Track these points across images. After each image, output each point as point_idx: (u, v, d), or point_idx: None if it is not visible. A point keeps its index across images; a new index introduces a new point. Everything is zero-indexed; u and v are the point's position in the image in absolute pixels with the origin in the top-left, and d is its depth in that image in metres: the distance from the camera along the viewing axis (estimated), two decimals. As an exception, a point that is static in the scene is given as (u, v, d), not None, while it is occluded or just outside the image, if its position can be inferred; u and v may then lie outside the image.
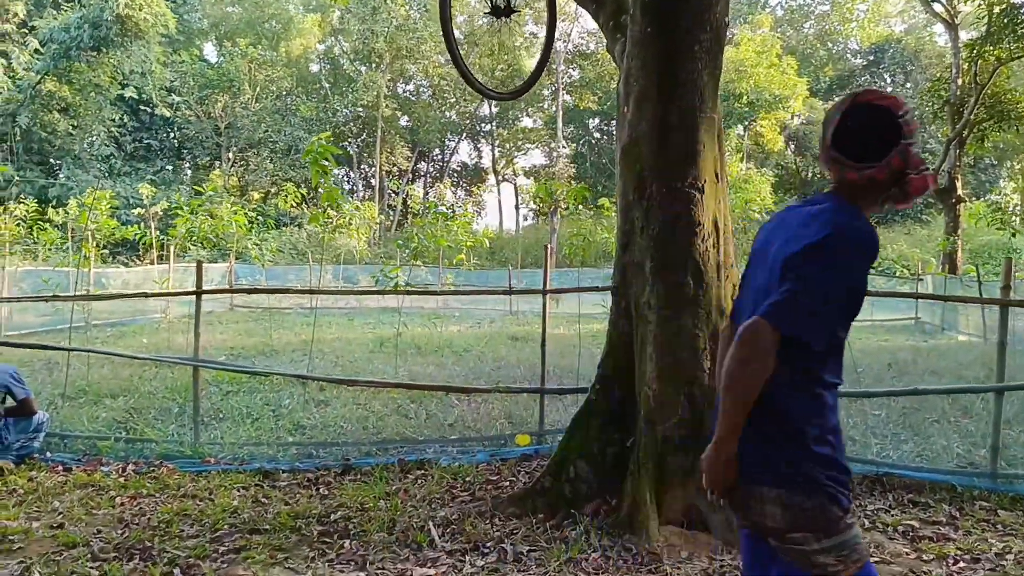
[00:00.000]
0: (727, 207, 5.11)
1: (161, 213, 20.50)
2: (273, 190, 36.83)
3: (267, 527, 4.89)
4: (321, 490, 5.74)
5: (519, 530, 4.79)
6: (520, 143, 54.74)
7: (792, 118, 44.03)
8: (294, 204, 19.09)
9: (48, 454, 6.50)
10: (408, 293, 7.44)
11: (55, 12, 35.06)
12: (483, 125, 55.35)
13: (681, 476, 4.59)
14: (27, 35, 34.88)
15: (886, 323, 19.65)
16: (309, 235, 32.16)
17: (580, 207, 44.60)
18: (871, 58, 49.19)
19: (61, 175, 36.12)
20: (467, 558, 4.41)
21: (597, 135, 54.56)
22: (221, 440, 6.84)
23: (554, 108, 48.54)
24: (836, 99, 3.57)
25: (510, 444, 6.51)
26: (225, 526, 4.92)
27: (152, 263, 22.51)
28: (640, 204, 4.92)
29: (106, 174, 35.72)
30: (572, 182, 39.47)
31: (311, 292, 7.95)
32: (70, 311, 18.37)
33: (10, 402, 6.21)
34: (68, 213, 19.76)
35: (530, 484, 5.45)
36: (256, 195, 37.66)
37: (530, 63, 49.35)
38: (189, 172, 43.65)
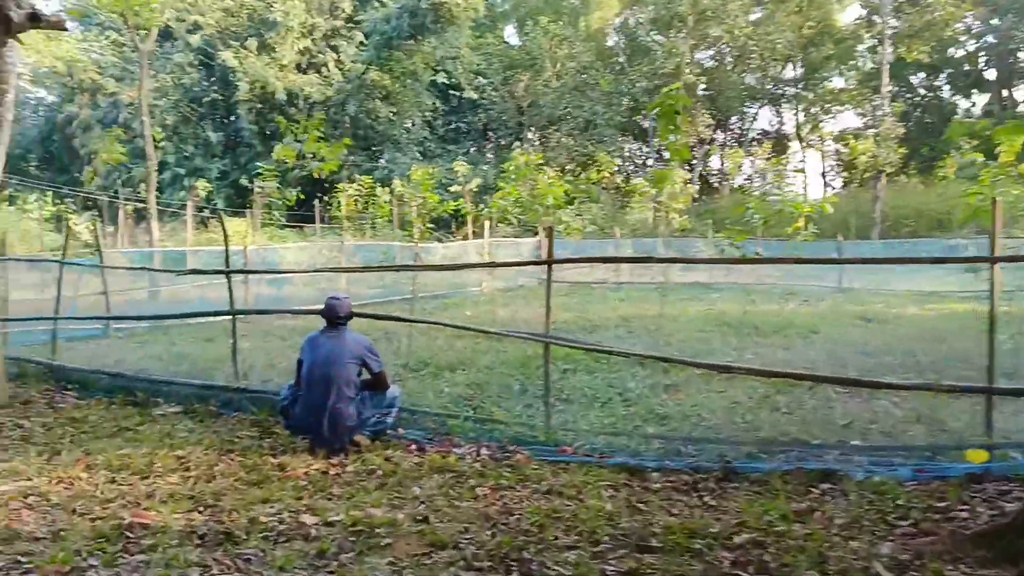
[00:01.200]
0: None
1: (476, 190, 21.05)
2: (570, 166, 36.90)
3: (657, 544, 3.97)
4: (705, 498, 4.72)
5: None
6: (828, 105, 49.90)
7: None
8: (608, 174, 18.44)
9: (400, 430, 6.20)
10: (805, 262, 6.12)
11: (378, 4, 37.94)
12: (786, 88, 51.25)
13: None
14: (352, 29, 38.19)
15: None
16: (603, 208, 31.78)
17: (905, 175, 39.60)
18: None
19: (383, 159, 39.24)
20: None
21: (923, 91, 48.11)
22: (573, 425, 6.11)
23: (874, 63, 43.37)
24: None
25: (943, 457, 5.01)
26: (605, 536, 4.09)
27: (466, 238, 23.30)
28: None
29: (421, 156, 38.16)
30: (898, 143, 34.94)
31: (673, 261, 6.90)
32: (402, 283, 19.67)
33: (365, 375, 5.98)
34: (393, 191, 20.91)
35: (1002, 517, 4.00)
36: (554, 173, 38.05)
37: (841, 18, 44.75)
38: (491, 153, 45.46)
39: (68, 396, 7.68)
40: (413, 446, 5.87)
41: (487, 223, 19.74)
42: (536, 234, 25.59)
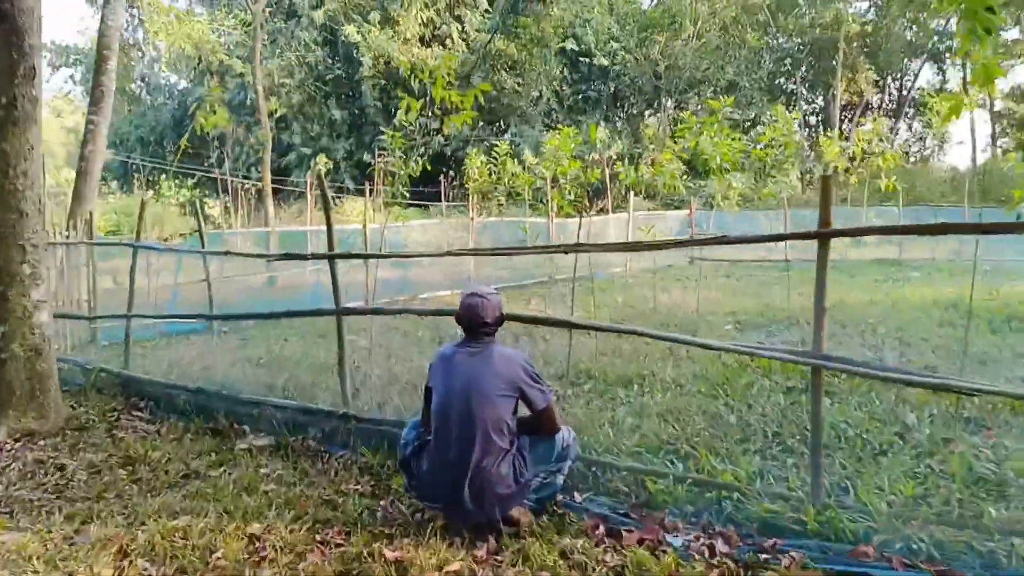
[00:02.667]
0: None
1: (616, 157, 18.74)
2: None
3: None
4: None
5: None
6: (1000, 58, 43.98)
7: None
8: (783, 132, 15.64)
9: (577, 497, 4.10)
10: None
11: (504, -33, 35.92)
12: (951, 42, 45.62)
13: None
14: (477, -3, 36.33)
15: None
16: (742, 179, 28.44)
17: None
18: None
19: (508, 133, 37.30)
20: None
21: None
22: (857, 502, 3.79)
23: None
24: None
25: None
26: None
27: (601, 212, 20.97)
28: None
29: (547, 129, 35.98)
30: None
31: (990, 231, 4.32)
32: (534, 265, 17.66)
33: (522, 410, 3.91)
34: (525, 164, 18.83)
35: None
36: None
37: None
38: (619, 122, 42.66)
39: (136, 419, 6.02)
40: (600, 527, 3.75)
41: (632, 195, 17.38)
42: (674, 207, 23.04)
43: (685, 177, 12.05)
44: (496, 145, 19.87)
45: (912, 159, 41.00)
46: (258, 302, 11.80)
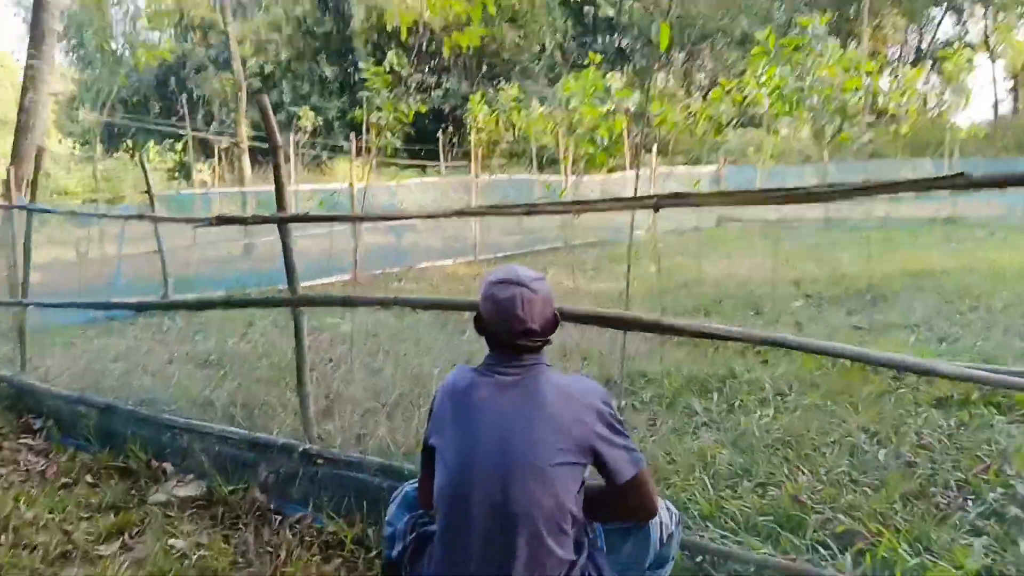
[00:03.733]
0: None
1: (634, 108, 16.84)
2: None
3: None
4: None
5: None
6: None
7: None
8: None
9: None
10: None
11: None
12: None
13: None
14: (477, -58, 34.00)
15: None
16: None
17: None
18: None
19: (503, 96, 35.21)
20: None
21: None
22: None
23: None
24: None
25: None
26: None
27: (611, 171, 19.06)
28: None
29: (551, 85, 33.93)
30: None
31: None
32: (546, 228, 15.88)
33: (590, 477, 2.20)
34: (529, 116, 16.94)
35: None
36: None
37: None
38: (626, 78, 40.49)
39: (24, 447, 4.32)
40: None
41: (653, 150, 15.57)
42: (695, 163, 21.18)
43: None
44: (497, 99, 18.20)
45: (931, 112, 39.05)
46: (228, 275, 10.07)
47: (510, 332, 2.12)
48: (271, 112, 3.51)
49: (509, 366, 2.14)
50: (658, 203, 2.59)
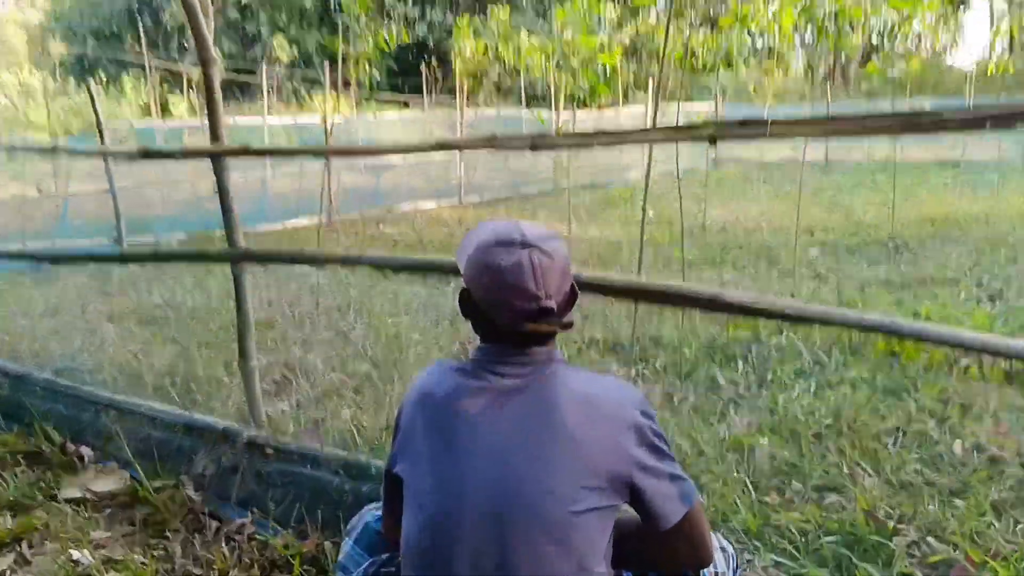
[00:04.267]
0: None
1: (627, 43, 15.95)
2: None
3: None
4: None
5: None
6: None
7: None
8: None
9: None
10: None
11: None
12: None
13: None
14: None
15: None
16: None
17: None
18: None
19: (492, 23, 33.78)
20: None
21: None
22: None
23: None
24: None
25: None
26: None
27: (600, 108, 18.10)
28: None
29: (540, 17, 32.54)
30: None
31: None
32: (533, 171, 15.04)
33: (625, 512, 1.53)
34: (519, 46, 15.89)
35: None
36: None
37: None
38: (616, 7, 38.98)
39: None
40: None
41: (651, 85, 14.69)
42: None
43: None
44: (484, 29, 17.08)
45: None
46: (194, 216, 9.26)
47: (517, 315, 1.42)
48: (200, 14, 2.74)
49: (510, 364, 1.46)
50: (716, 133, 1.88)
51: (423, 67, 21.19)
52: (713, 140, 1.89)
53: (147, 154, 2.94)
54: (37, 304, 5.29)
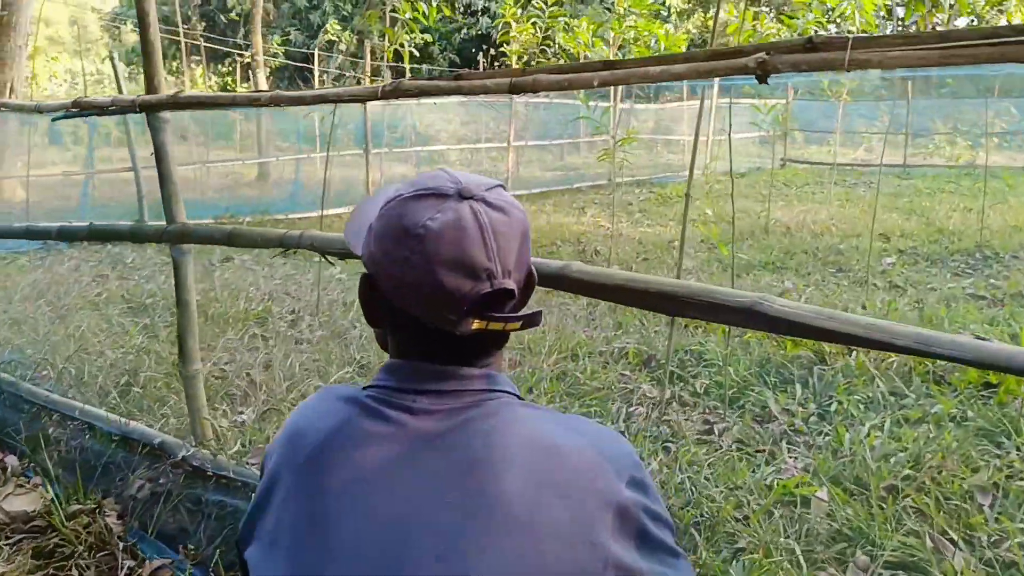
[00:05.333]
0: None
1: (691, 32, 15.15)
2: None
3: None
4: None
5: None
6: None
7: None
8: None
9: None
10: None
11: None
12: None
13: None
14: None
15: None
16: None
17: None
18: None
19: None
20: None
21: None
22: None
23: None
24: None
25: None
26: None
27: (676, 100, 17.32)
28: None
29: (609, 10, 31.72)
30: None
31: None
32: (587, 165, 14.43)
33: None
34: (576, 30, 15.26)
35: None
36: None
37: None
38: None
39: None
40: None
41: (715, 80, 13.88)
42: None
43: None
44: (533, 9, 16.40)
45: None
46: (225, 201, 8.93)
47: (456, 303, 0.85)
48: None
49: (429, 393, 0.90)
50: (769, 60, 1.29)
51: (480, 56, 20.84)
52: (763, 75, 1.31)
53: (79, 105, 2.49)
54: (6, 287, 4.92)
